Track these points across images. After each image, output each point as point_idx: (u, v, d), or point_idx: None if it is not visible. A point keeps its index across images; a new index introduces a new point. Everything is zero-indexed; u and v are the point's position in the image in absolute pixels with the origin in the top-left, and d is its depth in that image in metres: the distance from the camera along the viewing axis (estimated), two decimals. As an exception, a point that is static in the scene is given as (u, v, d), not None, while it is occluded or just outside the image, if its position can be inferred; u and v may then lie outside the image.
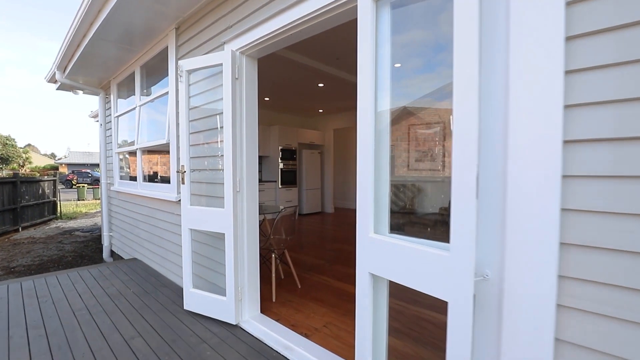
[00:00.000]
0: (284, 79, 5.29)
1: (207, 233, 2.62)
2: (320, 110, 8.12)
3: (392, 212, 1.57)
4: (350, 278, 3.41)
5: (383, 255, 1.43)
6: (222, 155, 2.32)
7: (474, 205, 1.09)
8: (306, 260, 4.09)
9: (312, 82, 5.53)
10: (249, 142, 2.37)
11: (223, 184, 2.31)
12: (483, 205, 1.17)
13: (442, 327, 1.21)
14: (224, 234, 2.34)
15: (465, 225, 1.11)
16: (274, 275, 2.89)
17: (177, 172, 2.55)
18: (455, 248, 1.14)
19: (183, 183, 2.51)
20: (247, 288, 2.42)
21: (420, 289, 1.27)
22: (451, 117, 1.14)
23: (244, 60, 2.32)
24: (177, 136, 2.93)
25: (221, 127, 2.34)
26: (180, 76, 2.46)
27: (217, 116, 2.47)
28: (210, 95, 2.54)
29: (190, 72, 2.50)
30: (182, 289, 2.81)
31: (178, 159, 2.83)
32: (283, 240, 3.13)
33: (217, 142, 2.53)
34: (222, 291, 2.45)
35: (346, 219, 7.62)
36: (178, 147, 2.91)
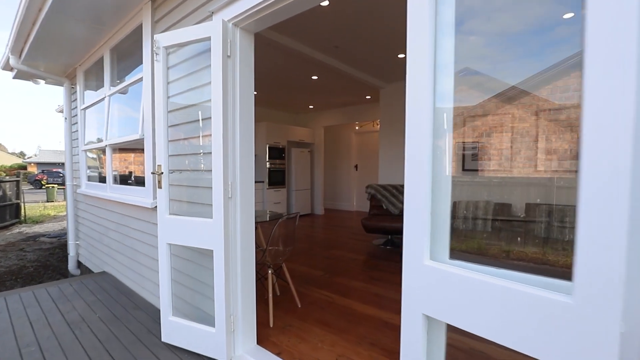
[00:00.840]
0: (275, 69, 4.83)
1: (191, 248, 2.15)
2: (311, 107, 7.69)
3: (455, 229, 1.17)
4: (355, 293, 3.01)
5: (446, 292, 1.03)
6: (210, 153, 1.86)
7: (624, 226, 0.70)
8: (302, 271, 3.66)
9: (305, 74, 5.09)
10: (243, 137, 1.92)
11: (211, 188, 1.86)
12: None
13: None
14: (212, 250, 1.88)
15: (608, 255, 0.71)
16: (270, 295, 2.44)
17: (153, 173, 2.07)
18: (585, 291, 0.75)
19: (160, 187, 2.03)
20: (240, 316, 1.97)
21: (515, 348, 0.87)
22: (581, 99, 0.75)
23: (238, 34, 1.87)
24: (153, 130, 2.44)
25: (209, 119, 1.88)
26: (157, 54, 1.98)
27: (204, 105, 2.00)
28: (194, 79, 2.06)
29: (169, 49, 2.02)
30: (159, 311, 2.33)
31: (154, 157, 2.34)
32: (281, 253, 2.69)
33: (204, 137, 2.06)
34: (209, 319, 1.99)
35: (338, 221, 7.22)
36: (154, 144, 2.42)
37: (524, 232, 2.61)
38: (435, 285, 1.06)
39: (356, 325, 2.40)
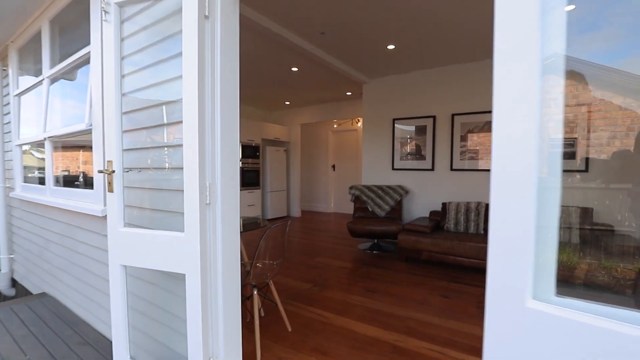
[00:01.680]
0: (250, 57, 4.35)
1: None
2: (287, 103, 7.24)
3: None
4: (352, 310, 2.63)
5: (563, 350, 0.67)
6: (182, 146, 1.39)
7: None
8: (287, 284, 3.23)
9: (285, 65, 4.65)
10: (226, 124, 1.47)
11: (182, 191, 1.40)
12: None
13: None
14: (184, 274, 1.42)
15: None
16: (257, 321, 2.00)
17: (101, 172, 1.56)
18: None
19: (111, 190, 1.53)
20: (223, 356, 1.52)
21: None
22: None
23: (219, -12, 1.42)
24: (103, 118, 1.91)
25: (179, 101, 1.41)
26: (106, 12, 1.48)
27: (172, 85, 1.52)
28: (159, 51, 1.58)
29: (123, 5, 1.53)
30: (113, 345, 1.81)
31: (105, 153, 1.81)
32: (269, 268, 2.25)
33: (173, 124, 1.58)
34: (180, 363, 1.52)
35: (317, 224, 6.83)
36: (104, 135, 1.89)
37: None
38: (545, 340, 0.69)
39: (362, 353, 2.01)
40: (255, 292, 2.06)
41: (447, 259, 3.71)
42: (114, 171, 1.53)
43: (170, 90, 1.53)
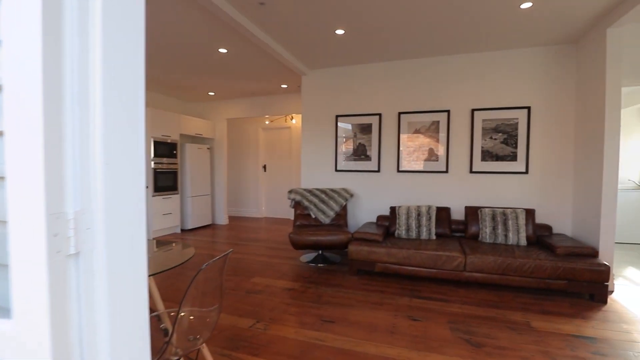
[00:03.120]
0: (165, 30, 3.41)
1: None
2: (212, 94, 6.26)
3: None
4: (313, 354, 2.02)
5: None
6: None
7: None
8: (221, 323, 2.47)
9: (210, 44, 3.80)
10: (119, 106, 0.73)
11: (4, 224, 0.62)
12: None
13: None
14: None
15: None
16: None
17: None
18: None
19: None
20: None
21: None
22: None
23: None
24: None
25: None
26: None
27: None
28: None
29: None
30: None
31: None
32: (199, 323, 1.50)
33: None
34: None
35: (248, 232, 6.03)
36: None
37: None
38: None
39: None
40: (178, 368, 1.31)
41: (403, 270, 3.37)
42: None
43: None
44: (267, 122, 7.68)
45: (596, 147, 3.23)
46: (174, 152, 5.89)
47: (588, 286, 2.90)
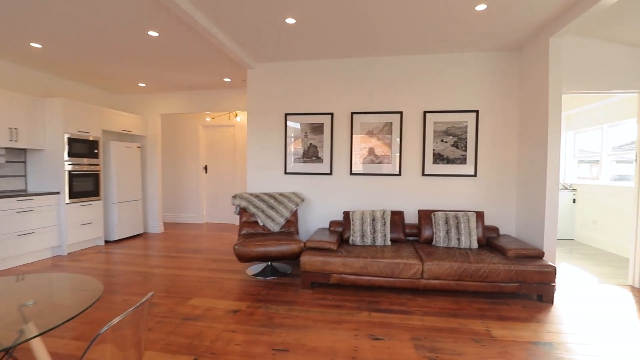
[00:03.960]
0: (82, 4, 2.77)
1: None
2: (142, 85, 5.50)
3: None
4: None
5: None
6: None
7: None
8: (147, 365, 1.99)
9: (138, 24, 3.21)
10: None
11: None
12: None
13: None
14: None
15: None
16: None
17: None
18: None
19: None
20: None
21: None
22: None
23: None
24: None
25: None
26: None
27: None
28: None
29: None
30: None
31: None
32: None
33: None
34: None
35: (186, 241, 5.40)
36: None
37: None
38: None
39: None
40: None
41: (360, 280, 3.15)
42: None
43: None
44: (208, 119, 7.03)
45: (539, 150, 3.35)
46: (95, 151, 5.03)
47: (537, 287, 2.95)
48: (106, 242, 5.32)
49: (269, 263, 3.86)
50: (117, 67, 4.54)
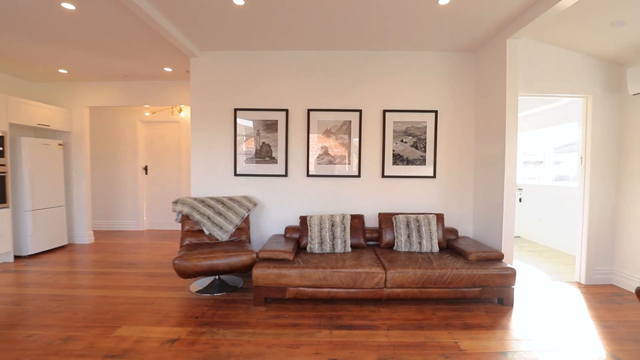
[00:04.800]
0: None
1: None
2: (63, 71, 4.69)
3: None
4: None
5: None
6: None
7: None
8: None
9: (45, -7, 2.60)
10: None
11: None
12: None
13: None
14: None
15: None
16: None
17: None
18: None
19: None
20: None
21: None
22: None
23: None
24: None
25: None
26: None
27: None
28: None
29: None
30: None
31: None
32: None
33: None
34: None
35: (119, 254, 4.72)
36: None
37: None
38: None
39: None
40: None
41: (319, 293, 2.87)
42: None
43: None
44: (147, 114, 6.30)
45: (496, 150, 3.33)
46: (0, 148, 4.17)
47: (498, 291, 2.90)
48: (16, 257, 4.45)
49: (217, 277, 3.42)
50: (29, 47, 3.77)
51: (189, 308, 2.86)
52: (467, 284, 2.85)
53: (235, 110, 3.85)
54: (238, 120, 3.87)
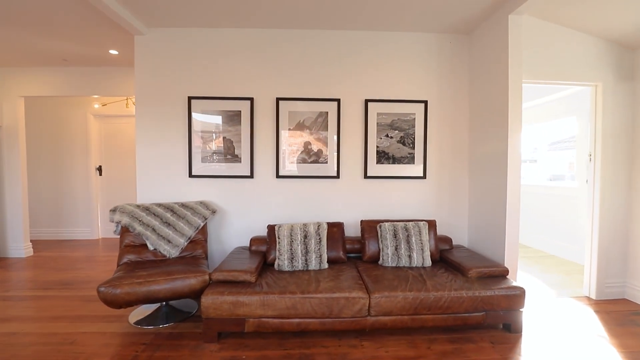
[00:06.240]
0: None
1: None
2: (-16, 53, 3.91)
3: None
4: None
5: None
6: None
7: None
8: None
9: None
10: None
11: None
12: None
13: None
14: None
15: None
16: None
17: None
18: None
19: None
20: None
21: None
22: None
23: None
24: None
25: None
26: None
27: None
28: None
29: None
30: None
31: None
32: None
33: None
34: None
35: (60, 270, 3.99)
36: None
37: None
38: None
39: None
40: None
41: (287, 324, 2.29)
42: None
43: None
44: (96, 106, 5.53)
45: (498, 146, 2.84)
46: None
47: (504, 315, 2.40)
48: None
49: (164, 303, 2.79)
50: None
51: (120, 348, 2.22)
52: (469, 309, 2.34)
53: (190, 98, 3.21)
54: (193, 110, 3.23)
